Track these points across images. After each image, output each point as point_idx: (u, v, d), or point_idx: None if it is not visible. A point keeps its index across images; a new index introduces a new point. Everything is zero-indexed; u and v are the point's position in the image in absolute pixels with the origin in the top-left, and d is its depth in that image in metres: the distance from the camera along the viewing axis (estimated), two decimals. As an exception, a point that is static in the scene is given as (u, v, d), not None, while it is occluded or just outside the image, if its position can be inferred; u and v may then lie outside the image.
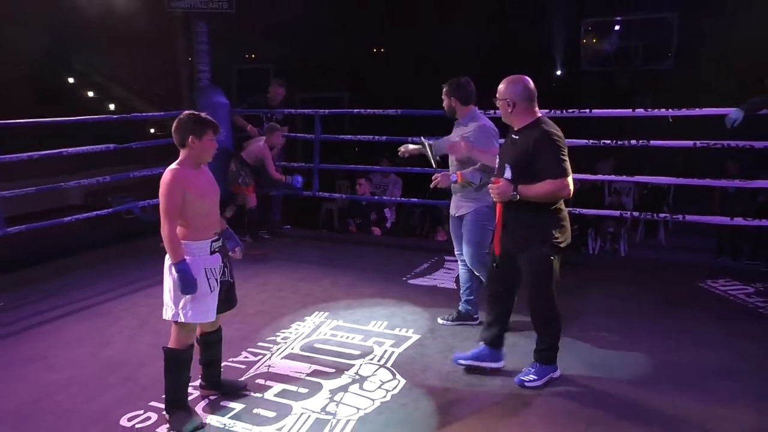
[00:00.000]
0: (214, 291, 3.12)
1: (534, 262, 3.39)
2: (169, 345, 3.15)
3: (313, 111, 7.03)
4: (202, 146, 3.08)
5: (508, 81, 3.40)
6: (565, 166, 3.24)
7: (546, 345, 3.51)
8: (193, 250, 3.06)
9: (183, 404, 3.16)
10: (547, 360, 3.52)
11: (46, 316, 4.67)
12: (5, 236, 5.35)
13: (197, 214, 3.06)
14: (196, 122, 3.09)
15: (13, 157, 5.52)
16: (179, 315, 3.06)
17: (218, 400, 3.38)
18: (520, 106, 3.34)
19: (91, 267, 5.97)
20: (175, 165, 3.09)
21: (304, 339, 4.19)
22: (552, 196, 3.27)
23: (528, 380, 3.47)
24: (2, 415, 3.26)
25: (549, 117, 5.64)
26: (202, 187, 3.10)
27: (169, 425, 3.10)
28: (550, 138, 3.26)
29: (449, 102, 4.19)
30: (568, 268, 5.21)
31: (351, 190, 9.57)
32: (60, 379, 3.66)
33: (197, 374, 3.40)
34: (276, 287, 5.29)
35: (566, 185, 3.24)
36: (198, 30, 7.21)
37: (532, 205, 3.29)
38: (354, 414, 3.23)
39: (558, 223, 3.34)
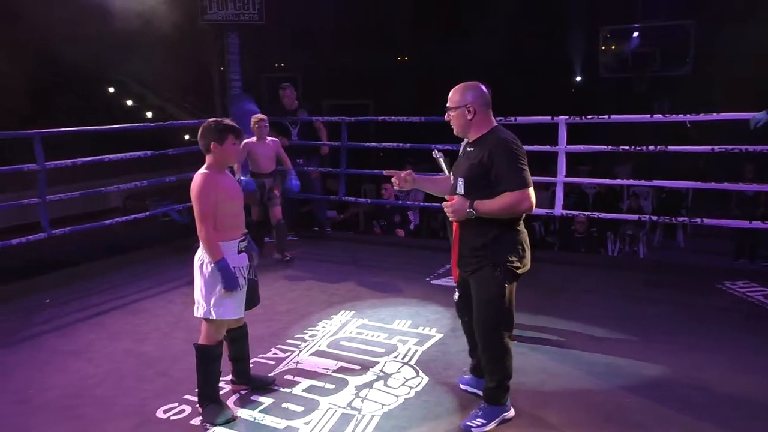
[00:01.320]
0: (243, 289, 3.25)
1: (482, 287, 3.04)
2: (199, 342, 3.28)
3: (339, 118, 7.20)
4: (224, 151, 3.21)
5: (465, 87, 3.05)
6: (525, 176, 2.89)
7: (494, 383, 3.13)
8: (223, 250, 3.17)
9: (215, 398, 3.29)
10: (496, 400, 3.16)
11: (88, 312, 4.90)
12: (50, 238, 5.65)
13: (226, 215, 3.18)
14: (218, 129, 3.21)
15: (58, 163, 5.78)
16: (211, 312, 3.18)
17: (248, 394, 3.52)
18: (479, 113, 3.01)
19: (129, 267, 6.22)
20: (203, 169, 3.22)
21: (330, 337, 4.33)
22: (511, 209, 2.89)
23: (474, 425, 3.10)
24: (46, 406, 3.44)
25: (568, 123, 5.83)
26: (229, 189, 3.23)
27: (202, 418, 3.24)
28: (506, 146, 2.92)
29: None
30: (587, 269, 5.29)
31: (376, 193, 9.74)
32: (99, 373, 3.84)
33: (229, 370, 3.55)
34: (304, 287, 5.46)
35: (527, 197, 2.87)
36: (230, 41, 7.45)
37: (487, 223, 2.95)
38: (378, 409, 3.32)
39: (515, 245, 2.99)
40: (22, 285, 5.74)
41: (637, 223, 8.30)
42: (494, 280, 2.99)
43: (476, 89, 3.04)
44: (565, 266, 6.16)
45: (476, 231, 2.99)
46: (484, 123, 3.04)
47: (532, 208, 2.92)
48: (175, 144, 7.96)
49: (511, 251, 2.99)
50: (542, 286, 5.37)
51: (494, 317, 3.06)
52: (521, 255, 3.01)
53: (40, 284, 5.69)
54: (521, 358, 3.85)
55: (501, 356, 3.10)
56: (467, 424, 3.13)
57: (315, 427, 3.18)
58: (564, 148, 5.92)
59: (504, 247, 2.98)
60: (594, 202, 9.47)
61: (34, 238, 5.62)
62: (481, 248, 2.99)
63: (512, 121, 5.97)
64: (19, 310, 4.99)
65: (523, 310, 4.53)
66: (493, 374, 3.13)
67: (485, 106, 3.04)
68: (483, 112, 3.03)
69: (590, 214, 6.49)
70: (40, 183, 5.61)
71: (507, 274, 2.99)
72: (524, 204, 2.88)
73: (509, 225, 2.99)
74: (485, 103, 3.04)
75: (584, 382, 3.61)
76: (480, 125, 3.03)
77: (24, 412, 3.39)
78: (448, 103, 3.09)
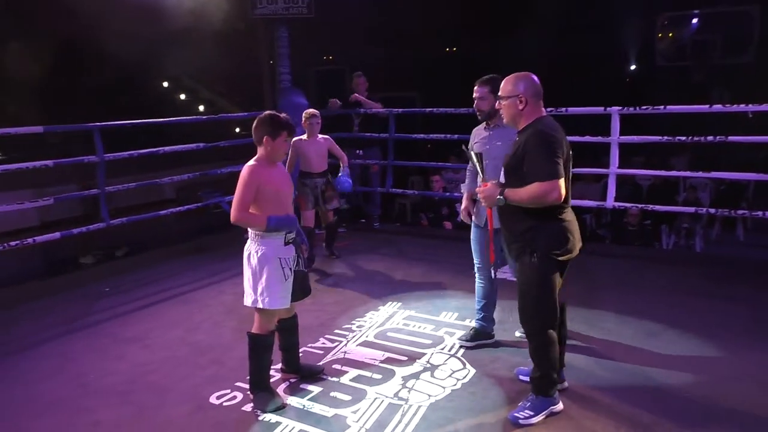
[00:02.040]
0: (288, 279, 3.29)
1: (522, 275, 3.10)
2: (252, 330, 3.35)
3: (387, 110, 7.21)
4: (276, 146, 3.25)
5: (517, 77, 3.08)
6: (556, 168, 2.90)
7: (539, 372, 3.12)
8: (268, 241, 3.23)
9: (266, 386, 3.37)
10: (544, 391, 3.12)
11: (144, 301, 5.08)
12: (108, 228, 5.86)
13: (272, 207, 3.22)
14: (273, 123, 3.26)
15: (116, 156, 5.98)
16: (258, 301, 3.25)
17: (298, 383, 3.58)
18: (530, 103, 3.04)
19: (183, 257, 6.41)
20: (252, 161, 3.27)
21: (378, 328, 4.36)
22: (539, 199, 2.91)
23: (522, 416, 3.10)
24: (105, 391, 3.59)
25: (622, 114, 5.67)
26: (277, 182, 3.27)
27: (253, 405, 3.32)
28: (542, 137, 2.95)
29: (491, 102, 3.68)
30: (640, 263, 5.16)
31: (424, 185, 9.72)
32: (155, 360, 3.97)
33: (280, 359, 3.62)
34: (351, 278, 5.50)
35: (555, 188, 2.88)
36: (279, 35, 7.54)
37: (524, 211, 2.99)
38: (425, 400, 3.34)
39: (555, 233, 3.00)
40: (84, 273, 6.00)
41: (693, 216, 8.02)
42: (531, 268, 3.02)
43: (528, 79, 3.07)
44: (617, 260, 6.03)
45: (516, 218, 3.05)
46: (533, 113, 3.06)
47: (560, 200, 2.92)
48: (226, 136, 8.10)
49: (551, 240, 2.99)
50: (594, 279, 5.29)
51: (532, 306, 3.08)
52: (563, 244, 3.00)
53: (99, 273, 5.93)
54: (570, 352, 3.81)
55: (543, 346, 3.09)
56: (515, 415, 3.13)
57: (362, 416, 3.21)
58: (617, 139, 5.77)
59: (542, 236, 2.99)
60: (648, 194, 9.21)
61: (94, 228, 5.84)
62: (520, 235, 3.05)
63: (563, 112, 5.86)
64: (80, 298, 5.21)
65: (573, 303, 4.52)
66: (538, 363, 3.12)
67: (536, 96, 3.06)
68: (533, 102, 3.05)
69: (644, 207, 6.32)
70: (100, 174, 5.82)
71: (545, 262, 2.99)
72: (552, 195, 2.89)
73: (549, 213, 2.98)
74: (536, 93, 3.06)
75: (636, 378, 3.54)
76: (529, 115, 3.06)
77: (84, 395, 3.54)
78: (500, 93, 3.12)
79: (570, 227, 3.04)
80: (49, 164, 5.50)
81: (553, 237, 3.00)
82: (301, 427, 3.13)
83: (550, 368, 3.11)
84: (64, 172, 7.08)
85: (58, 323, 4.64)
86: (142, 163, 6.90)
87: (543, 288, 3.04)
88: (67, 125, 6.12)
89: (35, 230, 7.49)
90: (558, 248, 3.00)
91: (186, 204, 6.98)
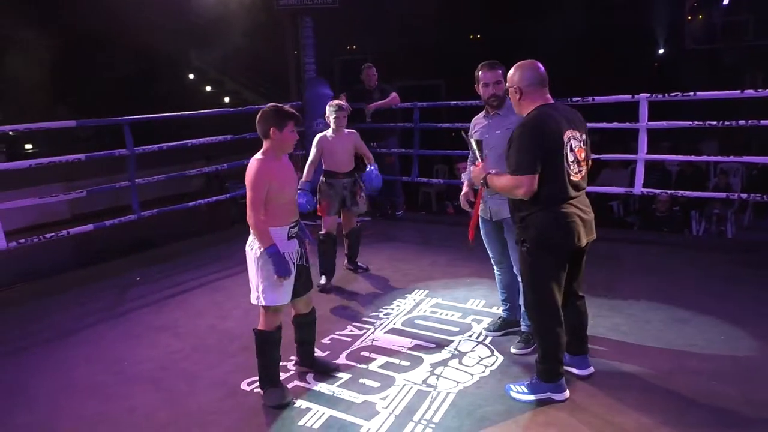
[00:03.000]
0: (291, 275, 3.23)
1: (519, 261, 3.19)
2: (258, 327, 3.33)
3: (411, 104, 7.20)
4: (283, 137, 3.18)
5: (516, 67, 3.08)
6: (526, 164, 2.89)
7: (539, 357, 3.16)
8: (272, 236, 3.17)
9: (275, 381, 3.34)
10: (545, 376, 3.13)
11: (174, 290, 5.17)
12: (140, 219, 5.98)
13: (278, 201, 3.18)
14: (278, 114, 3.17)
15: (146, 149, 6.09)
16: (260, 298, 3.23)
17: (312, 377, 3.56)
18: (526, 93, 3.02)
19: (212, 247, 6.51)
20: (259, 155, 3.20)
21: (405, 315, 4.38)
22: (508, 192, 3.00)
23: (515, 390, 3.19)
24: (139, 377, 3.67)
25: (650, 101, 5.57)
26: (284, 177, 3.22)
27: (263, 400, 3.31)
28: (522, 130, 2.95)
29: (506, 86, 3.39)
30: (670, 250, 5.09)
31: (449, 174, 9.70)
32: (186, 347, 4.05)
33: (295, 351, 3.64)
34: (377, 266, 5.52)
35: (522, 184, 2.90)
36: (304, 25, 7.55)
37: (522, 200, 3.00)
38: (454, 387, 3.35)
39: (549, 224, 2.98)
40: (116, 264, 6.13)
41: (725, 201, 7.89)
42: (522, 256, 3.12)
43: (524, 69, 3.05)
44: (646, 246, 5.96)
45: (515, 205, 3.11)
46: (533, 102, 3.03)
47: (525, 196, 2.93)
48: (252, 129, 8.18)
49: (542, 230, 2.99)
50: (622, 265, 5.25)
51: (527, 292, 3.17)
52: (555, 236, 2.99)
53: (131, 263, 6.05)
54: (599, 339, 3.81)
55: (540, 331, 3.15)
56: (510, 386, 3.24)
57: (391, 402, 3.24)
58: (645, 125, 5.68)
59: (534, 225, 3.01)
60: (677, 180, 9.07)
61: (125, 219, 5.96)
62: (517, 222, 3.11)
63: (589, 101, 5.78)
64: (114, 287, 5.33)
65: (600, 290, 4.51)
66: (540, 347, 3.17)
67: (534, 85, 3.03)
68: (531, 92, 3.03)
69: (674, 193, 6.22)
70: (130, 167, 5.92)
71: (534, 252, 3.03)
72: (518, 191, 2.93)
73: (544, 204, 2.98)
74: (534, 83, 3.03)
75: (665, 364, 3.50)
76: (528, 105, 3.04)
77: (120, 382, 3.63)
78: (507, 81, 3.16)
79: (567, 219, 2.98)
80: (81, 158, 5.62)
81: (544, 228, 2.99)
82: (331, 413, 3.16)
83: (550, 355, 3.12)
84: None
85: (92, 312, 4.76)
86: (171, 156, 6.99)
87: (534, 277, 3.09)
88: (98, 119, 6.23)
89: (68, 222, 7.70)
90: (549, 240, 2.99)
91: (214, 196, 7.09)
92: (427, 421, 3.05)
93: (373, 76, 7.25)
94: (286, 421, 3.12)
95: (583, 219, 3.05)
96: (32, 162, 5.51)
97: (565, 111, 3.09)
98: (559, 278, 3.08)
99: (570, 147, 2.99)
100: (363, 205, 5.23)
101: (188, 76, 14.13)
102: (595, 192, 6.87)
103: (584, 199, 3.13)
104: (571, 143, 3.00)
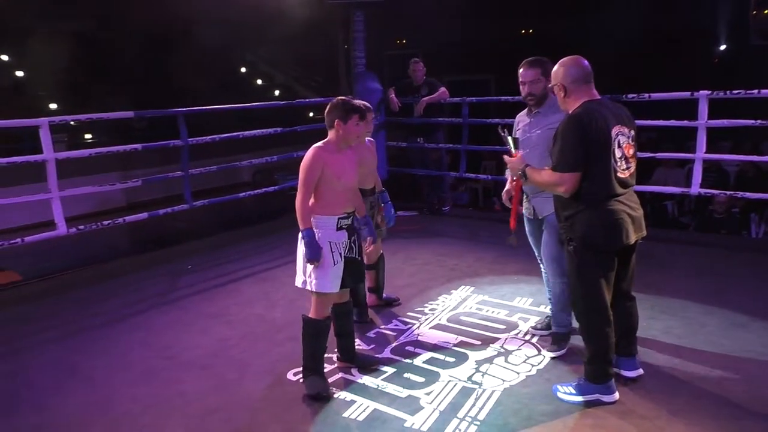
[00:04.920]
0: (337, 264, 3.26)
1: (566, 261, 3.14)
2: (309, 315, 3.36)
3: (460, 99, 7.15)
4: (347, 130, 3.26)
5: (559, 64, 3.06)
6: (569, 161, 2.87)
7: (587, 358, 3.11)
8: (320, 223, 3.24)
9: (318, 370, 3.37)
10: (593, 377, 3.08)
11: (224, 279, 5.29)
12: (192, 209, 6.13)
13: (330, 191, 3.24)
14: (344, 107, 3.27)
15: (199, 140, 6.24)
16: (307, 283, 3.27)
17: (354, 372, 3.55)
18: (570, 90, 3.00)
19: (261, 237, 6.62)
20: (320, 143, 3.29)
21: (450, 311, 4.37)
22: (548, 187, 3.01)
23: (563, 391, 3.15)
24: (190, 363, 3.77)
25: (710, 99, 5.38)
26: (340, 168, 3.27)
27: (305, 389, 3.34)
28: (566, 126, 2.92)
29: (545, 84, 3.46)
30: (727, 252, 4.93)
31: (496, 170, 9.59)
32: (235, 335, 4.13)
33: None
34: (423, 261, 5.52)
35: (563, 182, 2.89)
36: (355, 19, 7.58)
37: (560, 197, 3.01)
38: (499, 385, 3.33)
39: (596, 222, 2.93)
40: (168, 251, 6.31)
41: (788, 203, 7.56)
42: (569, 255, 3.06)
43: (568, 66, 3.02)
44: (702, 248, 5.78)
45: (560, 202, 3.05)
46: (578, 98, 3.00)
47: (566, 193, 2.92)
48: (301, 121, 8.27)
49: (589, 230, 2.95)
50: (677, 267, 5.11)
51: (574, 291, 3.11)
52: (602, 235, 2.94)
53: (182, 252, 6.22)
54: (651, 341, 3.73)
55: (588, 332, 3.10)
56: (557, 386, 3.20)
57: (436, 398, 3.24)
58: (705, 123, 5.50)
59: (580, 224, 2.97)
60: (737, 181, 8.74)
61: (178, 209, 6.12)
62: (564, 221, 3.06)
63: (645, 98, 5.61)
64: (166, 275, 5.50)
65: (654, 292, 4.40)
66: (587, 347, 3.12)
67: (579, 82, 3.00)
68: (576, 89, 3.00)
69: (733, 194, 6.01)
70: (183, 158, 6.07)
71: (580, 251, 2.98)
72: (559, 188, 2.93)
73: (591, 202, 2.94)
74: (578, 80, 3.00)
75: (719, 370, 3.39)
76: (574, 102, 3.01)
77: (171, 367, 3.73)
78: (552, 78, 3.14)
79: (614, 217, 2.93)
80: (138, 148, 5.79)
81: (591, 226, 2.94)
82: (375, 406, 3.18)
83: (599, 356, 3.07)
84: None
85: (146, 297, 4.92)
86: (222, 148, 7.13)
87: (581, 276, 3.03)
88: (154, 110, 6.40)
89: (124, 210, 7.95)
90: (596, 238, 2.95)
91: (262, 187, 7.20)
92: (472, 418, 3.04)
93: (420, 71, 7.22)
94: (330, 412, 3.15)
95: (632, 216, 3.00)
96: (92, 151, 5.72)
97: (612, 107, 3.06)
98: (607, 277, 3.03)
99: (618, 143, 2.94)
100: (385, 231, 4.40)
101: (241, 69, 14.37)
102: (650, 191, 6.71)
103: (633, 196, 3.09)
104: (619, 139, 2.95)
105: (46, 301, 4.97)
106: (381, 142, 6.83)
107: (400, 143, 7.78)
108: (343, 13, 7.84)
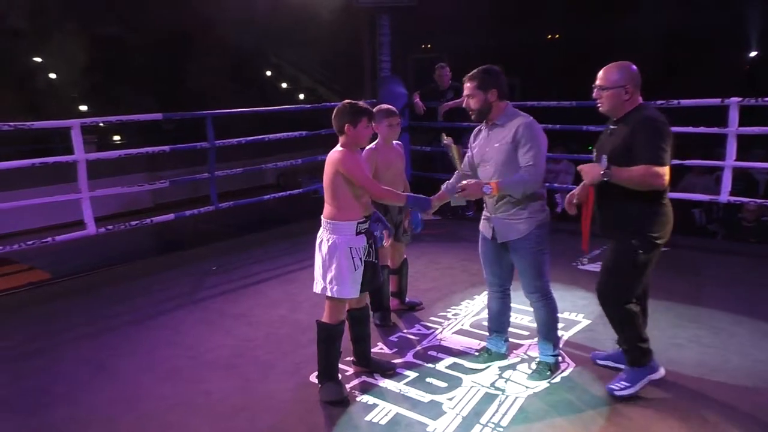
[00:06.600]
0: (358, 269, 3.22)
1: (618, 252, 3.14)
2: (323, 319, 3.36)
3: None
4: (357, 133, 3.22)
5: (621, 66, 3.07)
6: (663, 155, 2.93)
7: (626, 345, 3.22)
8: (339, 229, 3.22)
9: (333, 376, 3.36)
10: (637, 361, 3.21)
11: (249, 280, 5.34)
12: (217, 210, 6.19)
13: (349, 196, 3.22)
14: (352, 110, 3.21)
15: (226, 142, 6.31)
16: (327, 289, 3.25)
17: (371, 378, 3.54)
18: (632, 92, 3.05)
19: (284, 239, 6.66)
20: (340, 147, 3.26)
21: (473, 316, 4.35)
22: (643, 182, 2.94)
23: (617, 387, 3.20)
24: (215, 363, 3.81)
25: (740, 105, 5.30)
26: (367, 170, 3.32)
27: (320, 394, 3.34)
28: (650, 123, 2.98)
29: (484, 97, 3.30)
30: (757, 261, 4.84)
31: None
32: (259, 336, 4.17)
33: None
34: (446, 265, 5.51)
35: (660, 174, 2.91)
36: (381, 23, 7.60)
37: (628, 193, 3.00)
38: (523, 392, 3.31)
39: (657, 216, 3.06)
40: (194, 252, 6.38)
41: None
42: (631, 247, 3.08)
43: (631, 69, 3.09)
44: (731, 256, 5.69)
45: (619, 198, 3.06)
46: (634, 102, 3.10)
47: (663, 185, 2.98)
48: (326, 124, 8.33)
49: (654, 223, 3.06)
50: (705, 276, 5.03)
51: (622, 282, 3.14)
52: (663, 227, 3.08)
53: (206, 253, 6.28)
54: (678, 350, 3.68)
55: (622, 320, 3.17)
56: (610, 386, 3.22)
57: (458, 403, 3.23)
58: (735, 131, 5.42)
59: (647, 219, 3.06)
60: (766, 190, 8.58)
61: (204, 210, 6.19)
62: (630, 218, 3.08)
63: (674, 105, 5.53)
64: (191, 275, 5.56)
65: (681, 299, 4.33)
66: (624, 336, 3.20)
67: (638, 86, 3.09)
68: (635, 92, 3.09)
69: (763, 202, 5.90)
70: (210, 159, 6.14)
71: (645, 243, 3.07)
72: (656, 180, 2.94)
73: (656, 199, 3.04)
74: (638, 83, 3.09)
75: (749, 380, 3.34)
76: (631, 104, 3.09)
77: (196, 366, 3.78)
78: (602, 83, 3.11)
79: (670, 213, 3.12)
80: (166, 149, 5.87)
81: (658, 222, 3.07)
82: (398, 410, 3.18)
83: (636, 339, 3.18)
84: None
85: (171, 297, 4.98)
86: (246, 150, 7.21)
87: (635, 270, 3.11)
88: (183, 113, 6.49)
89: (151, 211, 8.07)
90: (659, 232, 3.07)
91: (286, 189, 7.25)
92: (495, 425, 3.03)
93: (446, 75, 7.23)
94: (353, 416, 3.16)
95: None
96: (122, 152, 5.82)
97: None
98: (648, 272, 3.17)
99: None
100: (409, 236, 4.39)
101: (266, 72, 14.51)
102: (678, 198, 6.61)
103: None
104: None
105: (74, 300, 5.06)
106: (405, 145, 6.82)
107: (424, 147, 7.78)
108: (369, 17, 7.88)
